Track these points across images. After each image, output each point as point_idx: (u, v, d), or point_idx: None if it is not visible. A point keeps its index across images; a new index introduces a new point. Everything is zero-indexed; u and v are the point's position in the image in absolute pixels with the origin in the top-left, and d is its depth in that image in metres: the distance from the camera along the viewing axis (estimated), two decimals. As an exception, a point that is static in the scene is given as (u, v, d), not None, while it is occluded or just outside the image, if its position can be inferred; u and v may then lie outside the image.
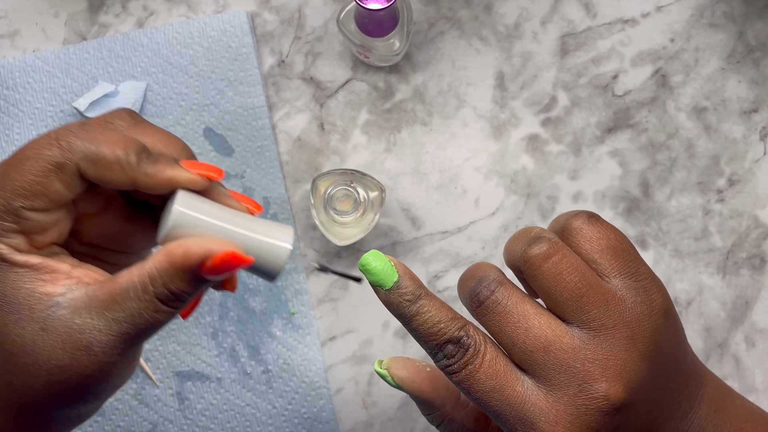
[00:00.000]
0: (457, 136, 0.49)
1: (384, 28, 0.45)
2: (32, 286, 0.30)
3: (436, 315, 0.32)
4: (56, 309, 0.29)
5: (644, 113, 0.49)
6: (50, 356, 0.29)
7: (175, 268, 0.30)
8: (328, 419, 0.47)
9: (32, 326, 0.29)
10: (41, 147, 0.30)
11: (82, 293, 0.30)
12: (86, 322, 0.29)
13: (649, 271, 0.33)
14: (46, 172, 0.30)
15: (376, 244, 0.49)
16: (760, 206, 0.49)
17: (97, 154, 0.30)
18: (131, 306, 0.30)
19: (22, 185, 0.29)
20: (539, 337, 0.31)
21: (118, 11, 0.51)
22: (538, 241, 0.32)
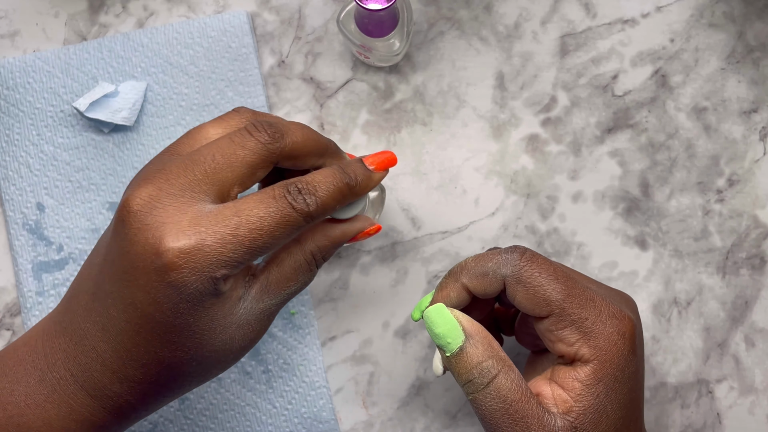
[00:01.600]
0: (457, 136, 0.49)
1: (384, 28, 0.45)
2: (230, 299, 0.34)
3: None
4: (244, 305, 0.34)
5: (644, 113, 0.49)
6: (242, 343, 0.35)
7: (334, 244, 0.38)
8: (328, 419, 0.47)
9: (232, 329, 0.34)
10: (284, 219, 0.34)
11: (258, 285, 0.35)
12: (267, 304, 0.35)
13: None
14: (283, 241, 0.34)
15: (377, 244, 0.49)
16: (759, 206, 0.49)
17: (325, 207, 0.35)
18: (302, 278, 0.37)
19: (259, 252, 0.33)
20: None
21: (119, 11, 0.51)
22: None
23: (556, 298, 0.34)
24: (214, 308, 0.33)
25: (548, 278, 0.35)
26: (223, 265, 0.32)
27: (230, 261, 0.32)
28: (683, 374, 0.48)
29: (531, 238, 0.49)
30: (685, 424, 0.48)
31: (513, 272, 0.35)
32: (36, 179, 0.49)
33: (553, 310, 0.35)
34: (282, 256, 0.36)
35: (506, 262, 0.36)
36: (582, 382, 0.34)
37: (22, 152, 0.49)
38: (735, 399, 0.48)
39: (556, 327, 0.35)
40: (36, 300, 0.48)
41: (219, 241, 0.31)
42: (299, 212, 0.33)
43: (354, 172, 0.36)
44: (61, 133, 0.49)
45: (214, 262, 0.31)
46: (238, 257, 0.32)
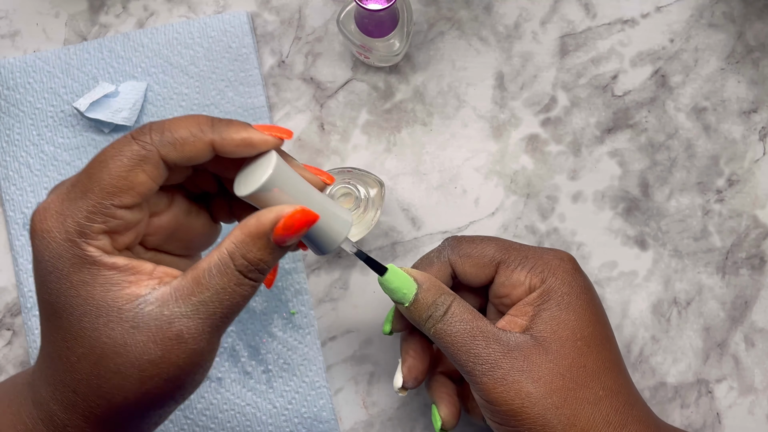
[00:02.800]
0: (457, 136, 0.49)
1: (384, 28, 0.45)
2: (119, 288, 0.30)
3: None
4: (144, 306, 0.30)
5: (644, 113, 0.49)
6: (142, 352, 0.30)
7: (251, 236, 0.31)
8: (328, 419, 0.47)
9: (122, 326, 0.30)
10: (121, 145, 0.31)
11: (167, 288, 0.31)
12: (174, 311, 0.30)
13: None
14: (131, 166, 0.31)
15: (377, 244, 0.49)
16: (759, 206, 0.49)
17: (173, 136, 0.31)
18: (215, 284, 0.31)
19: (110, 183, 0.30)
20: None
21: (119, 11, 0.51)
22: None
23: (496, 253, 0.39)
24: (88, 287, 0.30)
25: (483, 242, 0.39)
26: (69, 219, 0.30)
27: (75, 211, 0.30)
28: (683, 374, 0.48)
29: (531, 238, 0.49)
30: (684, 424, 0.48)
31: (453, 250, 0.39)
32: (36, 179, 0.49)
33: (499, 262, 0.38)
34: (200, 260, 0.32)
35: (444, 246, 0.40)
36: (532, 304, 0.37)
37: (22, 152, 0.49)
38: (735, 399, 0.48)
39: (506, 275, 0.38)
40: (36, 300, 0.48)
41: (63, 195, 0.31)
42: (140, 141, 0.31)
43: (229, 122, 0.33)
44: (61, 133, 0.49)
45: (59, 217, 0.30)
46: (81, 205, 0.30)
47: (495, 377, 0.35)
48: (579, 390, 0.35)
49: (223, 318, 0.31)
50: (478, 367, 0.35)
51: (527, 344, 0.35)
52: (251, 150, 0.33)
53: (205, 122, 0.32)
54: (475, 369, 0.35)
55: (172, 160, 0.32)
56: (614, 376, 0.36)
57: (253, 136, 0.33)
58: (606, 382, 0.35)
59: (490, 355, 0.35)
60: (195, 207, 0.37)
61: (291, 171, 0.33)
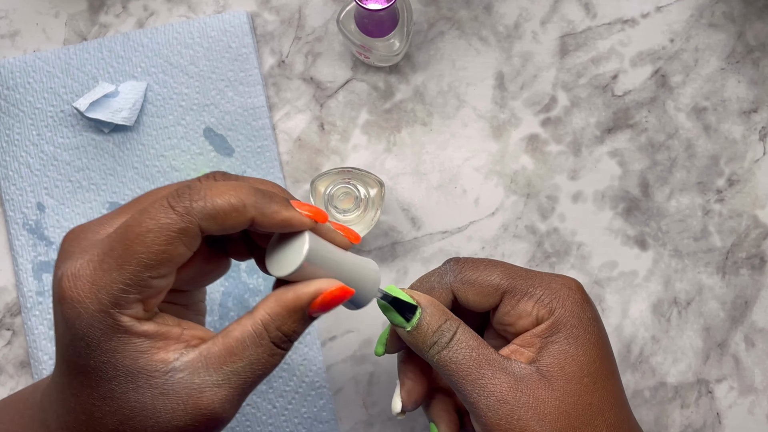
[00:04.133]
0: (457, 136, 0.49)
1: (384, 28, 0.45)
2: (149, 355, 0.30)
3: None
4: (174, 373, 0.30)
5: (644, 113, 0.49)
6: (171, 418, 0.30)
7: (288, 311, 0.32)
8: (328, 419, 0.47)
9: (152, 392, 0.30)
10: (160, 215, 0.30)
11: (196, 354, 0.31)
12: (205, 380, 0.30)
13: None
14: (171, 240, 0.30)
15: (377, 244, 0.49)
16: (759, 206, 0.49)
17: (215, 209, 0.30)
18: (249, 355, 0.31)
19: (149, 257, 0.30)
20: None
21: (119, 11, 0.51)
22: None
23: (502, 281, 0.36)
24: (120, 355, 0.30)
25: (487, 268, 0.37)
26: (104, 290, 0.29)
27: (111, 283, 0.29)
28: (683, 374, 0.48)
29: (531, 238, 0.49)
30: (685, 424, 0.48)
31: (455, 276, 0.37)
32: (36, 179, 0.49)
33: (504, 291, 0.36)
34: (231, 326, 0.32)
35: (445, 271, 0.37)
36: (540, 336, 0.35)
37: (22, 152, 0.49)
38: (735, 399, 0.48)
39: (511, 304, 0.36)
40: (36, 300, 0.48)
41: (96, 263, 0.30)
42: (177, 211, 0.30)
43: (268, 190, 0.32)
44: (61, 133, 0.49)
45: (93, 287, 0.29)
46: (116, 278, 0.29)
47: (500, 413, 0.33)
48: (583, 428, 0.34)
49: (252, 385, 0.32)
50: (483, 399, 0.34)
51: (533, 378, 0.34)
52: (289, 229, 0.32)
53: (247, 195, 0.31)
54: (480, 401, 0.34)
55: (210, 232, 0.31)
56: (617, 411, 0.35)
57: (294, 217, 0.32)
58: (609, 419, 0.35)
59: (497, 386, 0.34)
60: (214, 250, 0.36)
61: (324, 245, 0.33)
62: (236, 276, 0.48)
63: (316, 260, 0.32)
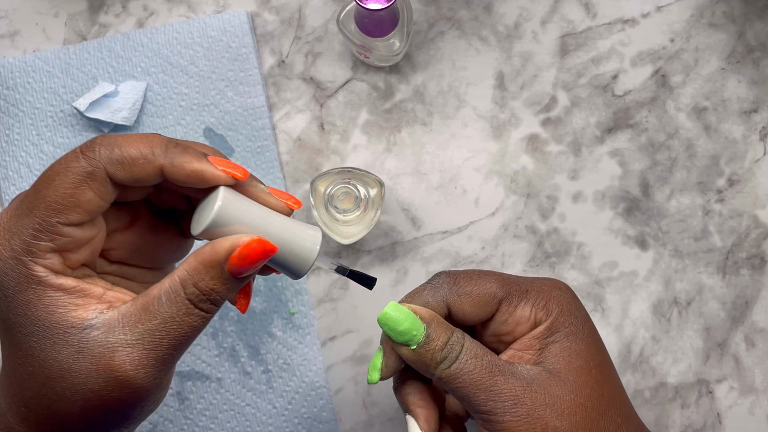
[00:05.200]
0: (457, 136, 0.49)
1: (384, 28, 0.45)
2: (65, 310, 0.29)
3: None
4: (90, 331, 0.29)
5: (644, 113, 0.49)
6: (86, 380, 0.29)
7: (204, 265, 0.30)
8: (328, 419, 0.47)
9: (67, 350, 0.29)
10: (68, 161, 0.30)
11: (115, 313, 0.30)
12: (119, 338, 0.29)
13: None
14: (77, 183, 0.30)
15: (377, 244, 0.49)
16: (759, 206, 0.49)
17: (122, 154, 0.30)
18: (163, 312, 0.29)
19: (56, 200, 0.29)
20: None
21: (119, 11, 0.51)
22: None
23: (497, 289, 0.36)
24: (36, 308, 0.29)
25: (481, 278, 0.37)
26: (16, 236, 0.29)
27: (21, 228, 0.29)
28: (683, 374, 0.48)
29: (531, 238, 0.49)
30: (685, 424, 0.48)
31: (450, 289, 0.36)
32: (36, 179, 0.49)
33: (500, 298, 0.36)
34: (153, 286, 0.31)
35: (439, 284, 0.37)
36: (539, 338, 0.35)
37: (22, 152, 0.49)
38: (735, 399, 0.48)
39: (509, 312, 0.36)
40: None
41: (10, 212, 0.30)
42: (87, 156, 0.30)
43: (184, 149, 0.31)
44: (61, 133, 0.49)
45: (5, 234, 0.29)
46: (27, 223, 0.29)
47: (519, 414, 0.33)
48: (601, 419, 0.34)
49: (169, 349, 0.30)
50: (499, 404, 0.33)
51: (543, 377, 0.34)
52: (201, 183, 0.31)
53: (158, 144, 0.31)
54: (496, 407, 0.33)
55: (120, 180, 0.30)
56: (625, 401, 0.36)
57: (205, 169, 0.31)
58: (620, 409, 0.35)
59: (512, 390, 0.33)
60: (162, 222, 0.36)
61: (245, 202, 0.32)
62: (236, 276, 0.48)
63: (234, 217, 0.31)
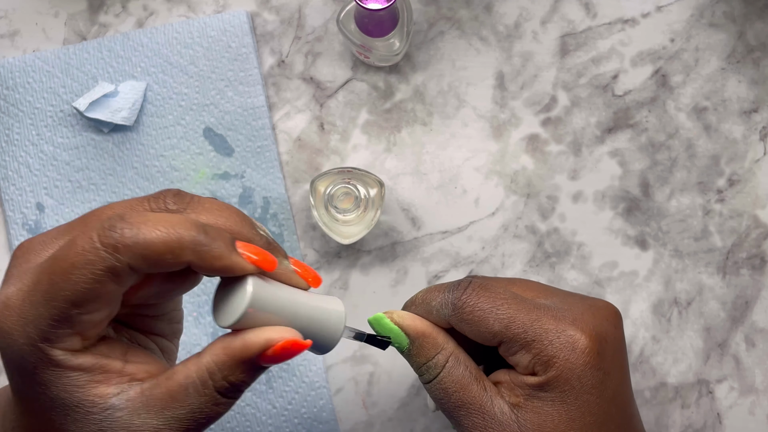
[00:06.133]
0: (457, 136, 0.49)
1: (384, 28, 0.45)
2: (86, 389, 0.29)
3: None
4: (113, 411, 0.29)
5: (644, 113, 0.49)
6: None
7: (234, 360, 0.30)
8: (328, 419, 0.47)
9: (90, 428, 0.29)
10: (86, 252, 0.28)
11: (138, 392, 0.29)
12: (145, 422, 0.29)
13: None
14: (98, 279, 0.28)
15: (377, 244, 0.49)
16: (760, 206, 0.49)
17: (146, 250, 0.28)
18: (191, 402, 0.29)
19: (75, 295, 0.28)
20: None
21: (118, 11, 0.51)
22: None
23: (499, 329, 0.34)
24: (56, 389, 0.28)
25: (489, 309, 0.34)
26: (31, 324, 0.28)
27: (37, 318, 0.28)
28: (683, 374, 0.48)
29: (531, 238, 0.49)
30: (685, 424, 0.48)
31: (453, 312, 0.35)
32: (36, 179, 0.49)
33: (501, 339, 0.34)
34: (177, 368, 0.30)
35: (446, 302, 0.35)
36: (531, 387, 0.34)
37: (21, 152, 0.49)
38: (735, 399, 0.48)
39: (508, 353, 0.35)
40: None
41: (23, 295, 0.28)
42: (104, 246, 0.27)
43: (212, 234, 0.29)
44: (60, 133, 0.49)
45: (21, 321, 0.28)
46: (43, 313, 0.28)
47: None
48: None
49: (196, 430, 0.30)
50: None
51: (510, 426, 0.34)
52: (228, 275, 0.30)
53: (186, 235, 0.28)
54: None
55: (143, 271, 0.29)
56: None
57: (236, 264, 0.30)
58: None
59: (471, 428, 0.34)
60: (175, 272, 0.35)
61: (274, 288, 0.31)
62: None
63: (263, 306, 0.30)
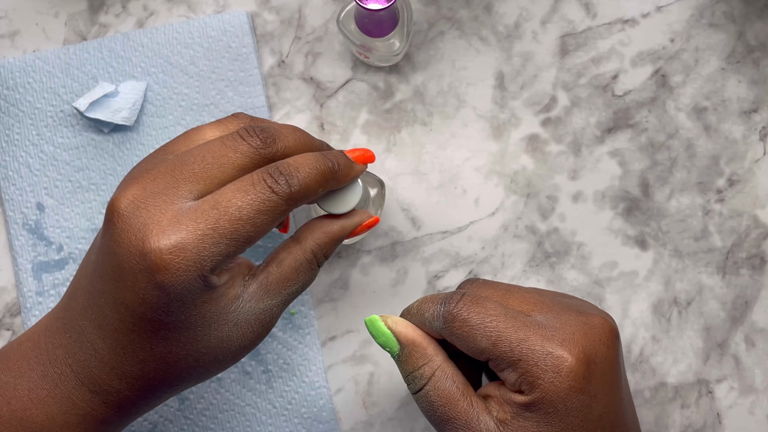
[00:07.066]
0: (457, 136, 0.49)
1: (384, 28, 0.45)
2: (226, 297, 0.34)
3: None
4: (242, 304, 0.35)
5: (644, 113, 0.49)
6: (241, 341, 0.35)
7: (334, 240, 0.38)
8: (328, 419, 0.47)
9: (228, 326, 0.35)
10: (264, 201, 0.34)
11: (257, 285, 0.35)
12: (267, 303, 0.36)
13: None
14: (275, 220, 0.34)
15: (377, 244, 0.49)
16: (760, 206, 0.49)
17: (308, 190, 0.35)
18: (302, 278, 0.37)
19: (256, 236, 0.34)
20: None
21: (118, 11, 0.51)
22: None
23: (486, 346, 0.34)
24: (207, 305, 0.33)
25: (478, 325, 0.35)
26: (208, 261, 0.32)
27: (214, 255, 0.32)
28: (683, 374, 0.48)
29: (531, 238, 0.49)
30: (685, 424, 0.48)
31: (444, 326, 0.35)
32: (36, 179, 0.49)
33: (488, 356, 0.34)
34: (282, 255, 0.37)
35: (438, 314, 0.36)
36: (517, 405, 0.34)
37: (22, 152, 0.49)
38: (735, 399, 0.48)
39: (497, 369, 0.35)
40: (36, 300, 0.48)
41: (200, 237, 0.32)
42: (280, 195, 0.34)
43: (335, 158, 0.37)
44: (61, 133, 0.49)
45: (198, 259, 0.32)
46: (222, 250, 0.32)
47: None
48: None
49: (297, 296, 0.38)
50: None
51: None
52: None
53: (327, 171, 0.36)
54: None
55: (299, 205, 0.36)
56: None
57: (358, 172, 0.39)
58: None
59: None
60: None
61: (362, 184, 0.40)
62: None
63: (362, 199, 0.40)
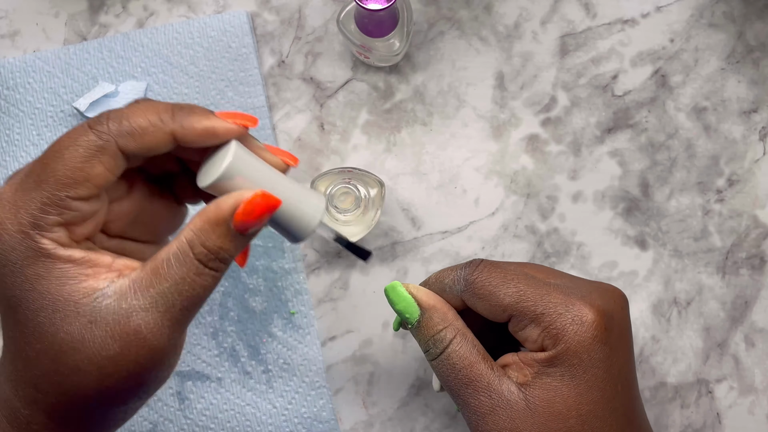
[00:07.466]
0: (457, 136, 0.49)
1: (384, 28, 0.45)
2: (76, 281, 0.29)
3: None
4: (102, 299, 0.29)
5: (644, 113, 0.49)
6: (100, 348, 0.29)
7: (210, 223, 0.30)
8: (328, 419, 0.47)
9: (79, 321, 0.29)
10: (77, 135, 0.30)
11: (126, 281, 0.30)
12: (132, 304, 0.29)
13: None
14: (88, 157, 0.29)
15: (377, 244, 0.49)
16: (759, 206, 0.49)
17: (131, 125, 0.30)
18: (174, 274, 0.30)
19: (65, 174, 0.29)
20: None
21: (119, 11, 0.51)
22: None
23: (509, 302, 0.35)
24: (44, 281, 0.29)
25: (499, 284, 0.35)
26: (24, 211, 0.29)
27: (32, 206, 0.29)
28: (683, 374, 0.48)
29: (531, 238, 0.49)
30: (685, 424, 0.48)
31: (466, 287, 0.36)
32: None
33: (511, 313, 0.35)
34: (161, 249, 0.31)
35: (459, 278, 0.36)
36: (540, 363, 0.34)
37: (22, 152, 0.49)
38: (735, 399, 0.48)
39: (518, 327, 0.35)
40: None
41: (15, 187, 0.30)
42: (105, 135, 0.30)
43: (191, 109, 0.32)
44: (61, 133, 0.49)
45: (13, 209, 0.29)
46: (43, 198, 0.29)
47: (478, 430, 0.34)
48: None
49: (183, 311, 0.30)
50: (465, 412, 0.35)
51: (518, 405, 0.34)
52: (214, 140, 0.31)
53: (165, 110, 0.31)
54: (463, 413, 0.35)
55: (131, 151, 0.30)
56: None
57: (216, 125, 0.31)
58: None
59: (477, 405, 0.34)
60: (157, 190, 0.36)
61: (253, 158, 0.32)
62: (236, 276, 0.48)
63: (242, 172, 0.31)
